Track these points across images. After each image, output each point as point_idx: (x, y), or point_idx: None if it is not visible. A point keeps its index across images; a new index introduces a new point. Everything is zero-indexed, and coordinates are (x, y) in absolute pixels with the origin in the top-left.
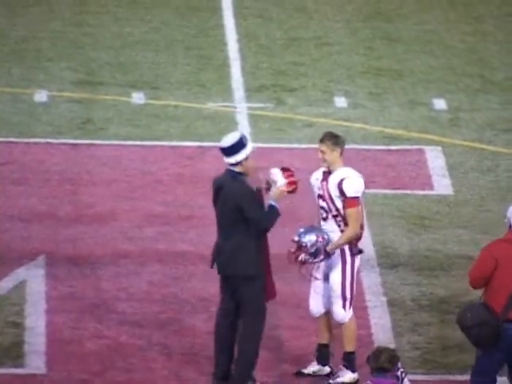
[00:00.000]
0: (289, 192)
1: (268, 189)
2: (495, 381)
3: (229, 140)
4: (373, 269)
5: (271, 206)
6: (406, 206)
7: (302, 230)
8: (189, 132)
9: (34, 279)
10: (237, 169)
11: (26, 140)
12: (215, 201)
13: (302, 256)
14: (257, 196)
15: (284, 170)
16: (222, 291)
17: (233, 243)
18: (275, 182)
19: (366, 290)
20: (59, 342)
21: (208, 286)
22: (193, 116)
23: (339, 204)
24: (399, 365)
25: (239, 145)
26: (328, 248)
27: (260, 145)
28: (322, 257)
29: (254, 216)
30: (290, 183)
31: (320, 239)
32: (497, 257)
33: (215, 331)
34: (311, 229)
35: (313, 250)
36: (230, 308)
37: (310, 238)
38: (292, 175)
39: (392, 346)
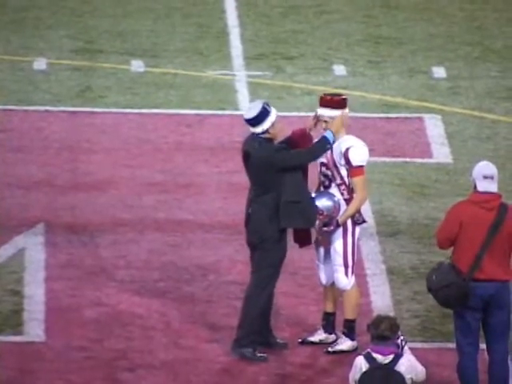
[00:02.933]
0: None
1: (315, 124)
2: (477, 342)
3: (252, 111)
4: (372, 237)
5: (322, 137)
6: (406, 174)
7: (315, 195)
8: (188, 100)
9: (32, 247)
10: (264, 136)
11: (24, 108)
12: (245, 163)
13: (316, 223)
14: (291, 146)
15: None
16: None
17: (256, 208)
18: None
19: (365, 258)
20: (58, 309)
21: (206, 254)
22: (192, 84)
23: (344, 172)
24: (399, 333)
25: (263, 114)
26: (340, 220)
27: None
28: (332, 227)
29: (294, 163)
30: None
31: (336, 208)
32: (462, 218)
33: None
34: (324, 194)
35: (327, 220)
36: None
37: (326, 205)
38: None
39: (391, 314)
